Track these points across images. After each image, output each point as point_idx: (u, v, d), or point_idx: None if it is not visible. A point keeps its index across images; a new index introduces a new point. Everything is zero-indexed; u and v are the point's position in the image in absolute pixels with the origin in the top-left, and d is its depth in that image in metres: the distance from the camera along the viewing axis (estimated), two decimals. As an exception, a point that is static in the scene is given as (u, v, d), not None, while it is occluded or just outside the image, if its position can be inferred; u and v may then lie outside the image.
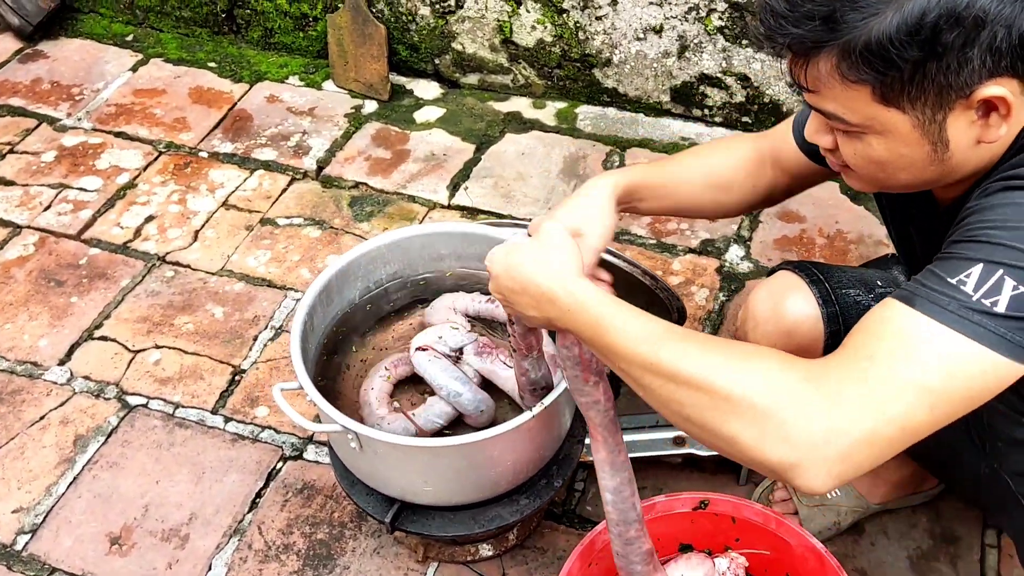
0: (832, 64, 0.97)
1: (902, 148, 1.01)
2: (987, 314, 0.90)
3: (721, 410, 0.93)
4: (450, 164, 2.49)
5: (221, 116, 2.67)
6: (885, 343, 0.92)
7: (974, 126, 0.99)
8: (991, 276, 0.92)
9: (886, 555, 1.66)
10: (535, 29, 2.52)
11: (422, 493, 1.47)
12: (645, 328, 1.01)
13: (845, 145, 1.06)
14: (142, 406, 1.95)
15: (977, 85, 0.94)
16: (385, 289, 1.68)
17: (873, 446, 0.90)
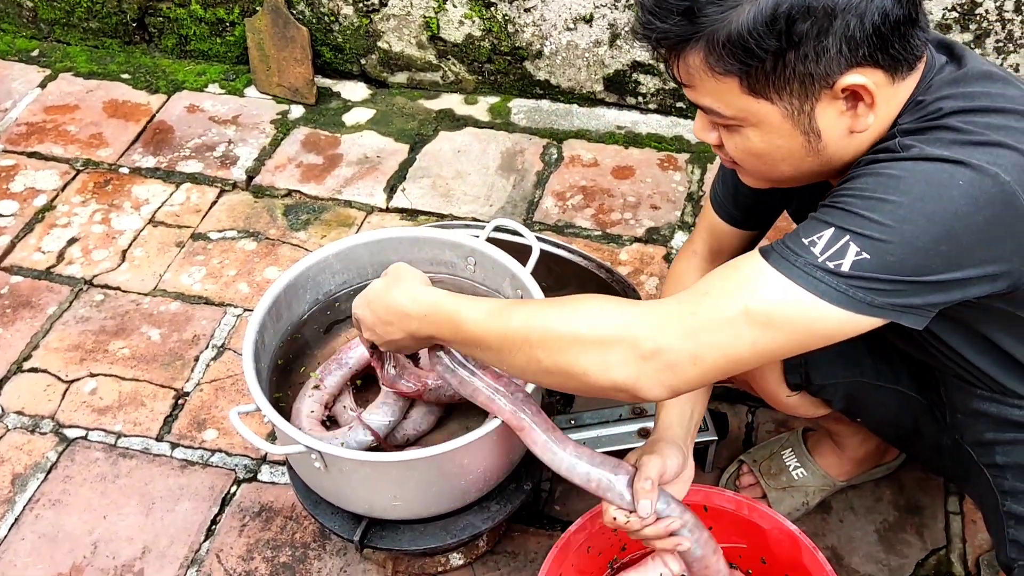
0: (700, 58, 1.00)
1: (777, 139, 1.04)
2: (829, 272, 0.97)
3: (572, 351, 1.05)
4: (385, 166, 2.44)
5: (140, 129, 2.57)
6: (726, 283, 1.03)
7: (844, 116, 1.02)
8: (838, 241, 0.97)
9: (855, 530, 1.67)
10: (463, 24, 2.48)
11: (391, 508, 1.42)
12: (491, 307, 1.14)
13: (727, 140, 1.09)
14: (81, 438, 1.86)
15: (838, 75, 0.98)
16: (335, 299, 1.63)
17: (697, 366, 1.02)
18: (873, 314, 0.98)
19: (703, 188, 2.32)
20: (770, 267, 1.00)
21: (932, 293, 0.98)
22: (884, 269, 0.96)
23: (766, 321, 1.00)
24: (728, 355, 1.02)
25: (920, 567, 1.62)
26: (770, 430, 1.82)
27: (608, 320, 1.05)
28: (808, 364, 1.43)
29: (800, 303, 0.98)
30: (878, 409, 1.46)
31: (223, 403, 1.91)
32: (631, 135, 2.48)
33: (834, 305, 0.98)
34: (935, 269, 0.96)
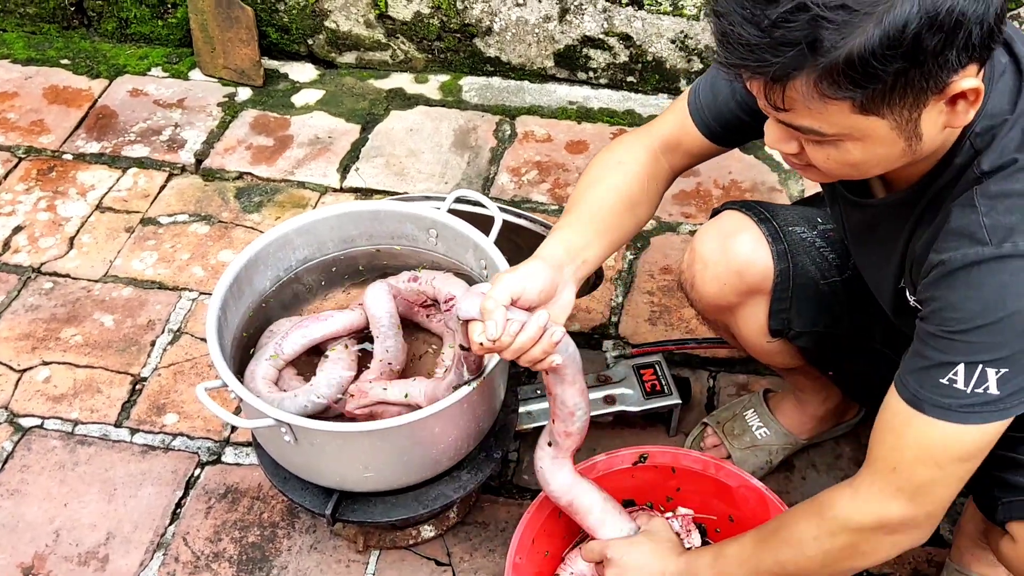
0: (811, 84, 0.93)
1: (879, 149, 1.00)
2: (984, 402, 1.04)
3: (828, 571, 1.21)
4: (337, 146, 2.42)
5: (82, 115, 2.51)
6: (904, 449, 1.11)
7: (943, 115, 0.99)
8: (974, 371, 1.03)
9: (817, 486, 1.70)
10: (412, 2, 2.46)
11: (363, 480, 1.42)
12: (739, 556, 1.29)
13: (816, 152, 1.03)
14: (37, 427, 1.82)
15: (950, 79, 0.94)
16: (296, 274, 1.61)
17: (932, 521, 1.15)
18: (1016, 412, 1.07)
19: (656, 160, 2.34)
20: (937, 422, 1.06)
21: None
22: (1020, 374, 1.03)
23: (958, 462, 1.09)
24: (946, 499, 1.13)
25: (881, 519, 1.66)
26: (732, 393, 1.85)
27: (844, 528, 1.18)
28: (791, 310, 1.45)
29: (979, 435, 1.07)
30: (849, 363, 1.49)
31: (182, 387, 1.88)
32: (583, 110, 2.49)
33: (1000, 421, 1.07)
34: None
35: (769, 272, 1.41)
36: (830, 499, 1.20)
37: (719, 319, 1.55)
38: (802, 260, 1.42)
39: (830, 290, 1.45)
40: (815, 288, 1.44)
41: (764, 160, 2.33)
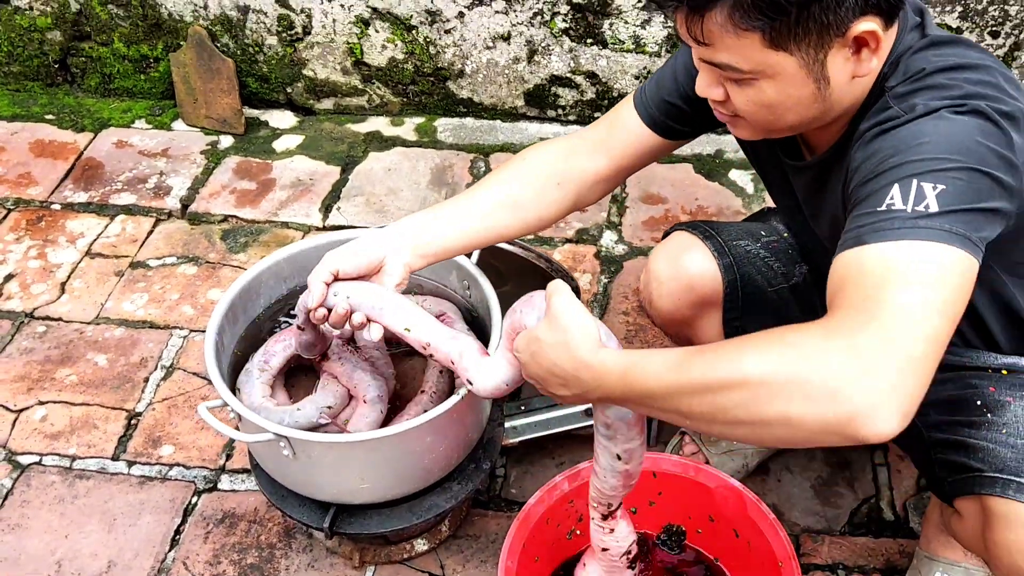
0: (725, 15, 1.05)
1: (791, 89, 1.11)
2: (926, 216, 0.99)
3: (763, 397, 0.93)
4: (318, 188, 2.51)
5: (69, 167, 2.58)
6: (868, 282, 0.98)
7: (849, 62, 1.10)
8: (910, 188, 1.01)
9: (792, 488, 1.78)
10: (386, 48, 2.58)
11: (359, 492, 1.48)
12: (664, 360, 1.03)
13: (737, 94, 1.14)
14: (35, 464, 1.86)
15: (851, 23, 1.05)
16: (286, 302, 1.68)
17: (915, 369, 0.92)
18: (974, 252, 1.00)
19: (625, 190, 2.45)
20: (881, 244, 0.99)
21: (989, 225, 1.03)
22: (960, 196, 1.00)
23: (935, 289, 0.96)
24: (930, 339, 0.94)
25: (854, 515, 1.74)
26: (707, 404, 1.93)
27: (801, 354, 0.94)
28: (743, 318, 1.55)
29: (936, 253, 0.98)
30: None
31: (177, 420, 1.94)
32: (553, 146, 2.60)
33: (947, 245, 0.98)
34: (985, 195, 1.02)
35: (718, 284, 1.52)
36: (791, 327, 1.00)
37: (680, 333, 1.65)
38: (748, 271, 1.53)
39: (778, 297, 1.55)
40: (763, 296, 1.54)
41: (728, 187, 2.45)
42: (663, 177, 2.49)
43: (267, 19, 2.57)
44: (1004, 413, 1.26)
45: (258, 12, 2.57)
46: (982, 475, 1.23)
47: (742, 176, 2.48)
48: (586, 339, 1.09)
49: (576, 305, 1.12)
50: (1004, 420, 1.26)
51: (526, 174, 1.45)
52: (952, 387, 1.34)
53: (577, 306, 1.12)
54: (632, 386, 1.05)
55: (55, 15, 2.65)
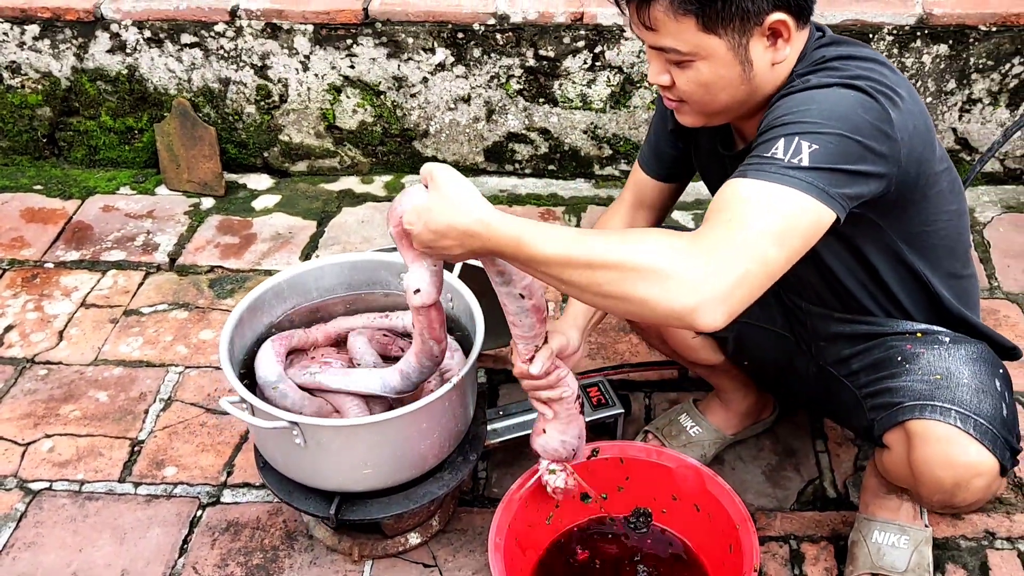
0: (667, 3, 1.31)
1: (721, 69, 1.36)
2: (797, 168, 1.25)
3: (631, 279, 1.19)
4: (297, 239, 2.70)
5: (59, 230, 2.75)
6: (736, 207, 1.24)
7: (768, 51, 1.36)
8: (792, 142, 1.26)
9: (746, 474, 1.98)
10: (356, 112, 2.82)
11: (363, 478, 1.64)
12: (556, 233, 1.24)
13: (679, 76, 1.39)
14: (46, 489, 1.99)
15: (766, 14, 1.32)
16: (288, 319, 1.87)
17: (745, 284, 1.20)
18: (830, 205, 1.24)
19: (580, 232, 2.68)
20: (753, 181, 1.24)
21: (855, 183, 1.28)
22: (828, 157, 1.24)
23: (780, 226, 1.21)
24: (767, 264, 1.21)
25: (801, 494, 1.94)
26: (665, 407, 2.13)
27: (668, 253, 1.18)
28: None
29: (785, 199, 1.22)
30: (760, 349, 1.81)
31: (178, 444, 2.08)
32: (512, 196, 2.85)
33: (807, 195, 1.23)
34: (854, 158, 1.27)
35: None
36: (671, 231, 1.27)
37: (650, 331, 1.87)
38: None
39: None
40: None
41: (670, 226, 2.70)
42: (614, 220, 2.74)
43: (247, 89, 2.81)
44: (918, 361, 1.51)
45: (238, 84, 2.80)
46: (902, 406, 1.46)
47: (683, 216, 2.74)
48: (479, 199, 1.28)
49: (459, 175, 1.30)
50: (919, 366, 1.50)
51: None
52: (877, 351, 1.58)
53: (460, 175, 1.30)
54: (522, 250, 1.25)
55: (46, 92, 2.86)
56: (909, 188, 1.38)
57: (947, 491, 1.46)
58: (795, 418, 2.10)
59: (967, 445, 1.42)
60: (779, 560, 1.81)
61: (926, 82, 2.66)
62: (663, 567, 1.77)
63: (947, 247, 1.53)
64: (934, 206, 1.46)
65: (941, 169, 1.45)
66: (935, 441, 1.42)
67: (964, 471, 1.43)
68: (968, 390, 1.45)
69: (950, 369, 1.49)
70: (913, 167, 1.36)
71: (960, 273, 1.58)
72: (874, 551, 1.71)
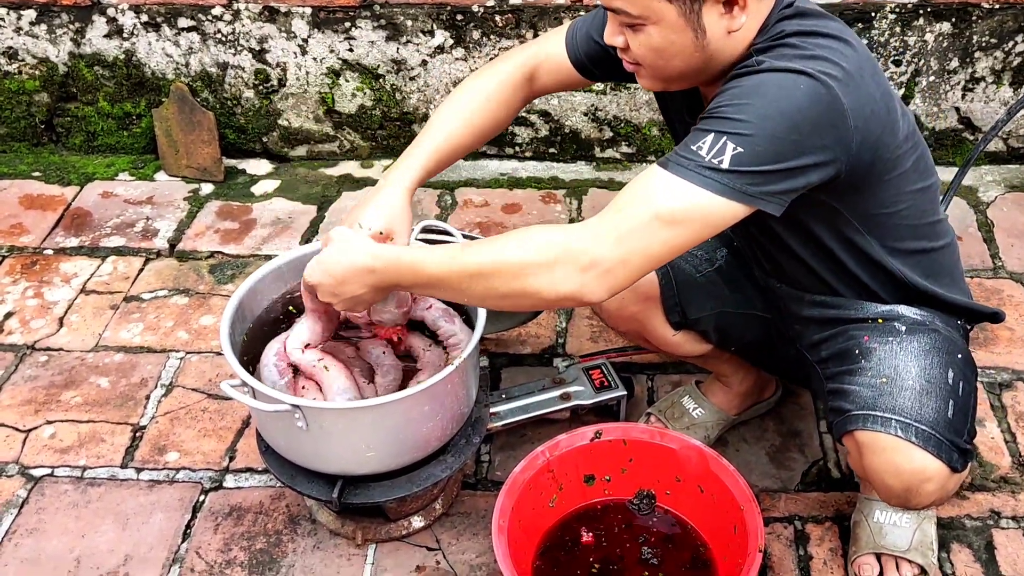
0: None
1: (672, 35, 1.33)
2: (714, 169, 1.26)
3: (520, 277, 1.30)
4: (297, 224, 2.69)
5: (58, 217, 2.74)
6: (633, 194, 1.29)
7: (723, 18, 1.33)
8: (719, 142, 1.26)
9: (749, 456, 1.98)
10: (355, 96, 2.80)
11: (365, 461, 1.64)
12: (445, 252, 1.37)
13: (632, 39, 1.37)
14: (48, 476, 1.98)
15: None
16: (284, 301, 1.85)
17: (627, 268, 1.29)
18: (747, 202, 1.27)
19: (582, 215, 2.68)
20: (669, 174, 1.27)
21: (786, 179, 1.28)
22: (753, 159, 1.24)
23: (671, 219, 1.26)
24: (648, 254, 1.28)
25: (805, 476, 1.93)
26: (667, 389, 2.13)
27: (550, 244, 1.30)
28: (682, 303, 1.76)
29: (696, 199, 1.26)
30: (742, 334, 1.80)
31: (180, 430, 2.08)
32: (513, 179, 2.83)
33: (720, 196, 1.26)
34: (787, 156, 1.26)
35: (654, 281, 1.75)
36: (557, 225, 1.35)
37: (630, 328, 1.86)
38: (677, 263, 1.75)
39: (706, 280, 1.78)
40: (694, 281, 1.77)
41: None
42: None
43: (245, 74, 2.79)
44: (871, 358, 1.50)
45: (236, 68, 2.78)
46: (851, 414, 1.46)
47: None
48: (365, 242, 1.44)
49: (346, 229, 1.50)
50: (870, 364, 1.49)
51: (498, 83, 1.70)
52: (840, 340, 1.58)
53: (347, 229, 1.50)
54: (419, 273, 1.39)
55: (43, 78, 2.84)
56: (863, 173, 1.37)
57: (900, 496, 1.47)
58: (799, 399, 2.09)
59: (911, 453, 1.41)
60: (784, 541, 1.81)
61: (928, 61, 2.64)
62: (667, 548, 1.77)
63: (910, 226, 1.51)
64: (894, 188, 1.44)
65: (904, 151, 1.43)
66: (880, 451, 1.43)
67: (911, 478, 1.43)
68: (911, 394, 1.44)
69: (898, 368, 1.47)
70: (868, 153, 1.34)
71: (928, 247, 1.56)
72: (876, 530, 1.71)
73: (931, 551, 1.70)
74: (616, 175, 2.84)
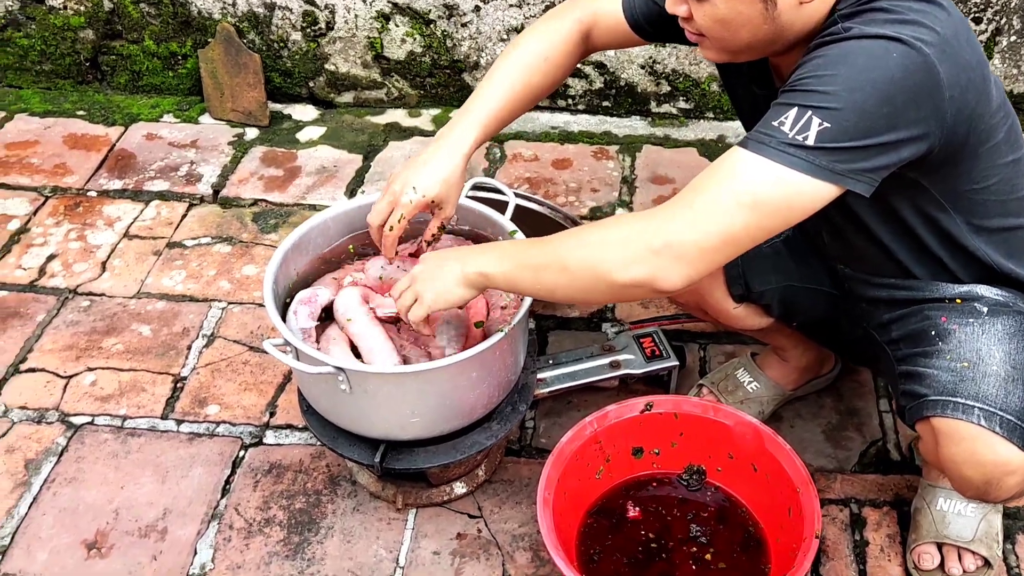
0: None
1: (739, 5, 1.23)
2: (799, 147, 1.16)
3: (589, 261, 1.28)
4: (342, 174, 2.63)
5: (102, 158, 2.70)
6: (713, 176, 1.21)
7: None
8: (803, 116, 1.17)
9: (804, 433, 1.90)
10: (405, 42, 2.71)
11: (409, 426, 1.59)
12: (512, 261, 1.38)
13: (696, 9, 1.28)
14: (88, 424, 1.96)
15: None
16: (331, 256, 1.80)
17: (703, 254, 1.21)
18: (835, 181, 1.18)
19: (635, 172, 2.58)
20: (749, 153, 1.19)
21: (877, 155, 1.18)
22: (842, 135, 1.15)
23: (753, 202, 1.18)
24: (727, 239, 1.20)
25: (863, 456, 1.86)
26: (721, 361, 2.05)
27: (619, 223, 1.27)
28: (746, 274, 1.68)
29: (779, 179, 1.17)
30: (808, 310, 1.71)
31: (221, 383, 2.05)
32: (564, 133, 2.74)
33: (806, 175, 1.17)
34: (879, 131, 1.17)
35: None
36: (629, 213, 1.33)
37: (689, 300, 1.78)
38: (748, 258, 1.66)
39: (773, 251, 1.68)
40: (759, 252, 1.66)
41: (732, 167, 2.58)
42: (670, 160, 2.63)
43: (292, 15, 2.71)
44: (950, 340, 1.41)
45: (283, 8, 2.70)
46: (928, 399, 1.37)
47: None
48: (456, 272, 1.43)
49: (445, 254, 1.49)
50: (949, 347, 1.40)
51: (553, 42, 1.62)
52: (914, 320, 1.48)
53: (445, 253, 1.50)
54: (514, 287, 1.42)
55: (88, 14, 2.78)
56: (958, 146, 1.27)
57: (978, 488, 1.39)
58: (858, 376, 2.01)
59: (994, 443, 1.33)
60: (839, 524, 1.74)
61: (1011, 19, 2.49)
62: (717, 527, 1.71)
63: (999, 201, 1.41)
64: (986, 162, 1.34)
65: (996, 121, 1.32)
66: (960, 440, 1.34)
67: (993, 469, 1.34)
68: (995, 380, 1.35)
69: (980, 352, 1.38)
70: (963, 126, 1.25)
71: (1015, 224, 1.45)
72: (939, 519, 1.64)
73: (996, 543, 1.62)
74: (672, 131, 2.73)
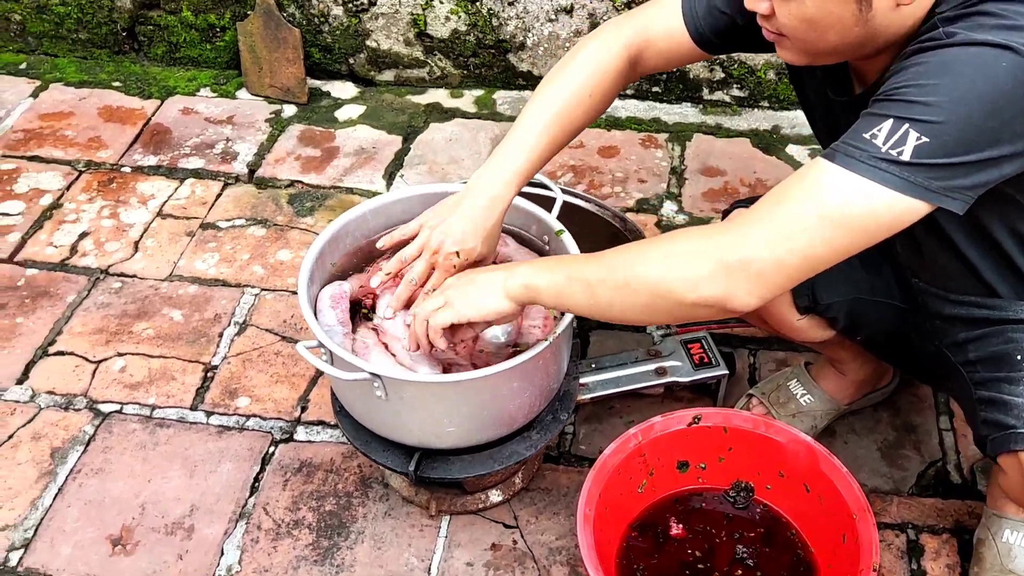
0: None
1: (831, 5, 1.13)
2: (893, 162, 1.08)
3: (655, 278, 1.18)
4: (381, 156, 2.55)
5: (137, 132, 2.64)
6: (796, 188, 1.13)
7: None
8: (899, 129, 1.08)
9: (859, 449, 1.81)
10: (449, 20, 2.61)
11: (445, 436, 1.52)
12: (561, 273, 1.29)
13: (780, 7, 1.17)
14: (116, 412, 1.91)
15: None
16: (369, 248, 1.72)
17: (781, 272, 1.13)
18: (929, 199, 1.09)
19: (684, 162, 2.48)
20: (837, 167, 1.10)
21: (978, 172, 1.09)
22: (940, 150, 1.06)
23: (840, 220, 1.10)
24: (808, 257, 1.13)
25: (921, 478, 1.76)
26: (772, 369, 1.96)
27: (688, 237, 1.18)
28: (814, 285, 1.57)
29: (869, 196, 1.09)
30: (876, 324, 1.61)
31: (252, 373, 1.99)
32: (611, 119, 2.64)
33: (899, 193, 1.08)
34: (981, 146, 1.07)
35: None
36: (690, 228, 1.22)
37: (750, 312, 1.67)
38: None
39: (844, 261, 1.58)
40: None
41: (786, 160, 2.47)
42: (721, 151, 2.52)
43: (334, -11, 2.62)
44: None
45: (325, -18, 2.61)
46: (1016, 432, 1.26)
47: (800, 151, 2.51)
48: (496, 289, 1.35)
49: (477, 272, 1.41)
50: None
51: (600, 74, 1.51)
52: (996, 342, 1.38)
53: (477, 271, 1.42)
54: (562, 303, 1.33)
55: (125, -17, 2.71)
56: None
57: None
58: (916, 389, 1.90)
59: None
60: (894, 551, 1.65)
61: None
62: (764, 549, 1.63)
63: None
64: None
65: None
66: None
67: None
68: None
69: None
70: None
71: None
72: (1004, 552, 1.54)
73: (1066, 581, 1.53)
74: (724, 120, 2.62)
